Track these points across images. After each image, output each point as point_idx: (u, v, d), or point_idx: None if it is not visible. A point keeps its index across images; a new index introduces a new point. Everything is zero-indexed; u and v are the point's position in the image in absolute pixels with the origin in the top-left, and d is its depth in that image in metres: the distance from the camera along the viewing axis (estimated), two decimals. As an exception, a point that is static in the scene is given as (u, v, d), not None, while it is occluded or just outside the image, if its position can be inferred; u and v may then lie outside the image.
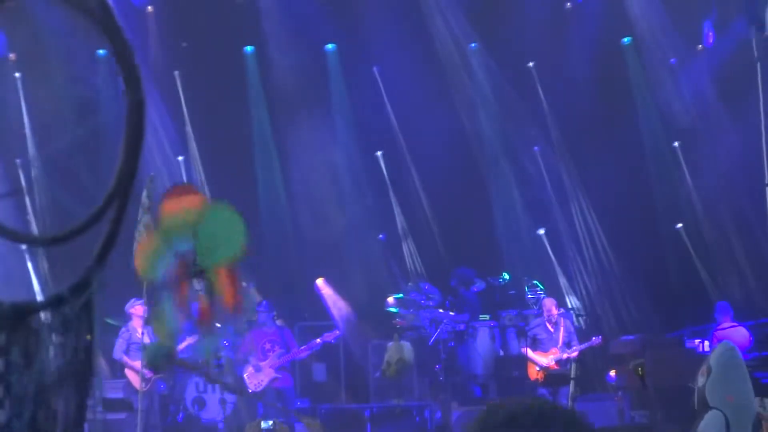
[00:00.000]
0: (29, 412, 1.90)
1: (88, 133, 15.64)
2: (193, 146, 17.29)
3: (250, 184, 16.89)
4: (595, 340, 13.34)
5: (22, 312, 1.92)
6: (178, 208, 5.86)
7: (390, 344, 13.26)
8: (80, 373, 1.99)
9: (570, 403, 13.07)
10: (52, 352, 1.94)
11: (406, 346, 13.17)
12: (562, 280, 16.16)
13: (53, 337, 1.95)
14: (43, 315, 1.96)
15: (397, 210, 16.94)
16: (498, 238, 16.75)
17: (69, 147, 15.69)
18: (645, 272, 16.07)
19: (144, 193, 10.84)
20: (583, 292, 15.90)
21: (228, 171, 16.88)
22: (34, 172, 16.79)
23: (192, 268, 5.79)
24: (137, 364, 13.35)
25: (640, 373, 7.99)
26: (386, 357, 12.51)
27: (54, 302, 1.95)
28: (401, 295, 15.01)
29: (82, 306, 1.96)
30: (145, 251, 6.19)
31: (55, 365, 1.95)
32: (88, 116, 16.14)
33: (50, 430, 1.93)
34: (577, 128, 16.71)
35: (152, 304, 6.30)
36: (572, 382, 10.01)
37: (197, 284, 5.84)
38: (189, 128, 17.27)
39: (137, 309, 13.55)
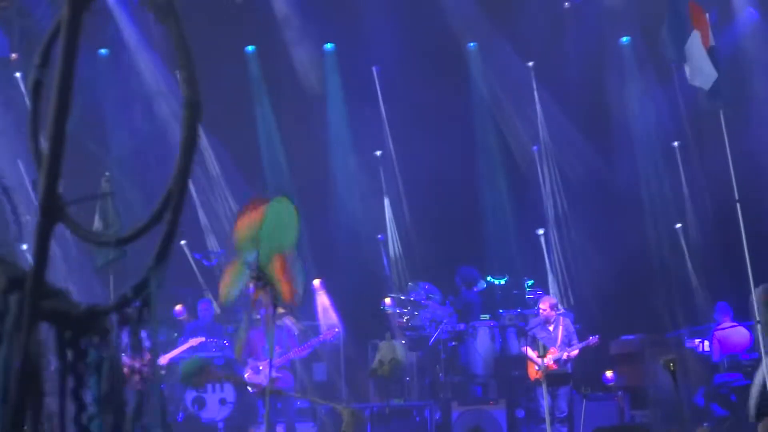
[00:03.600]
0: (105, 411, 1.94)
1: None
2: (207, 143, 17.32)
3: (262, 185, 16.91)
4: (592, 339, 13.35)
5: (96, 314, 1.96)
6: (245, 226, 6.18)
7: (381, 343, 13.26)
8: (144, 372, 2.03)
9: (570, 403, 13.14)
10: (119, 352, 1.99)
11: (399, 345, 13.18)
12: (562, 280, 16.16)
13: (121, 337, 1.99)
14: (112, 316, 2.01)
15: (396, 209, 16.93)
16: (498, 238, 16.75)
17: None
18: (645, 272, 16.08)
19: (102, 193, 10.87)
20: (583, 292, 15.90)
21: (236, 170, 16.98)
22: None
23: (259, 275, 6.14)
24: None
25: (672, 368, 8.00)
26: (378, 356, 12.51)
27: (121, 303, 1.99)
28: (400, 295, 15.03)
29: (143, 305, 2.00)
30: (225, 280, 6.56)
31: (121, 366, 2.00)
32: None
33: (121, 428, 1.97)
34: (576, 128, 16.72)
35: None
36: (543, 375, 10.00)
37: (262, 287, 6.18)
38: (203, 127, 17.24)
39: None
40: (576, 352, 13.27)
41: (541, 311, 13.60)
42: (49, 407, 1.94)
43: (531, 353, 13.33)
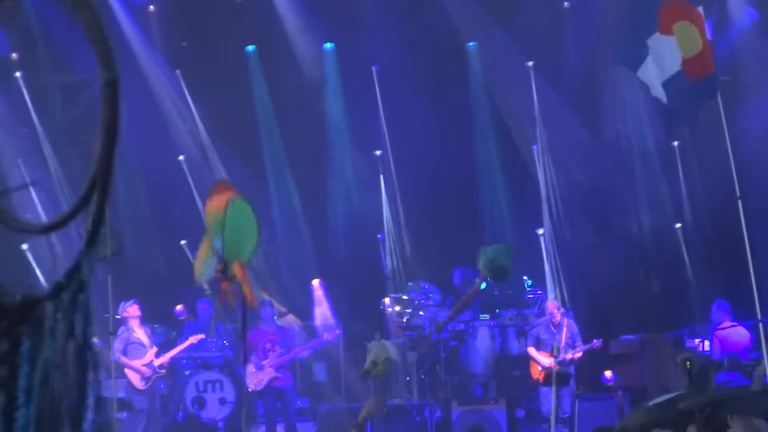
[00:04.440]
0: (36, 403, 1.91)
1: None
2: (208, 143, 17.33)
3: (261, 186, 16.92)
4: (596, 342, 13.35)
5: (30, 303, 1.93)
6: (213, 207, 6.38)
7: (371, 344, 13.22)
8: (79, 360, 2.00)
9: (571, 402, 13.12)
10: (56, 340, 1.96)
11: (390, 344, 13.14)
12: (561, 280, 16.14)
13: (57, 325, 1.96)
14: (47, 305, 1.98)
15: (395, 209, 16.92)
16: (497, 239, 16.72)
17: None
18: (645, 272, 16.07)
19: None
20: (582, 292, 15.87)
21: (238, 167, 17.01)
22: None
23: (224, 268, 6.35)
24: (136, 363, 13.37)
25: (689, 367, 7.96)
26: (371, 357, 12.46)
27: (55, 291, 1.96)
28: (399, 294, 15.02)
29: (77, 291, 1.97)
30: (199, 256, 6.74)
31: (59, 354, 1.96)
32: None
33: (55, 419, 1.94)
34: (575, 128, 16.70)
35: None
36: (553, 379, 10.00)
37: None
38: (201, 126, 17.30)
39: (131, 310, 13.55)
40: (580, 354, 13.26)
41: (548, 315, 13.62)
42: None
43: (535, 353, 13.31)
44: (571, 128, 16.71)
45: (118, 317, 13.22)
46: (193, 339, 14.10)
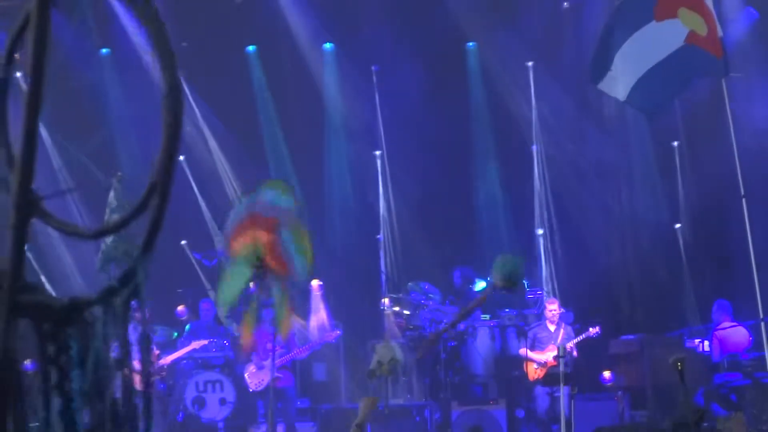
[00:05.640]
0: (87, 406, 1.92)
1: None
2: (209, 144, 17.36)
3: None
4: (593, 330, 13.35)
5: (79, 306, 1.95)
6: (248, 240, 6.09)
7: (378, 345, 13.22)
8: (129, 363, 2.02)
9: (568, 401, 13.11)
10: (107, 344, 1.97)
11: (396, 345, 13.15)
12: (560, 280, 16.14)
13: (107, 329, 1.97)
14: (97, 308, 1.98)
15: (394, 209, 16.92)
16: (496, 239, 16.75)
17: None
18: (644, 272, 16.07)
19: (111, 194, 10.87)
20: (582, 292, 15.88)
21: (239, 167, 17.03)
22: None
23: (258, 265, 6.06)
24: (135, 363, 13.36)
25: (680, 368, 7.97)
26: (377, 357, 12.48)
27: (107, 295, 1.97)
28: (399, 294, 15.03)
29: (130, 296, 1.98)
30: (224, 286, 6.47)
31: (109, 358, 1.98)
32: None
33: (104, 421, 1.96)
34: (575, 127, 16.71)
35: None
36: (562, 362, 10.00)
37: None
38: (205, 128, 17.33)
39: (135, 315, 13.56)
40: (575, 342, 13.29)
41: (549, 313, 13.67)
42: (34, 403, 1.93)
43: (529, 353, 13.34)
44: (571, 128, 16.72)
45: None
46: (195, 344, 14.11)
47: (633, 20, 9.94)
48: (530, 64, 16.49)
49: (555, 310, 13.73)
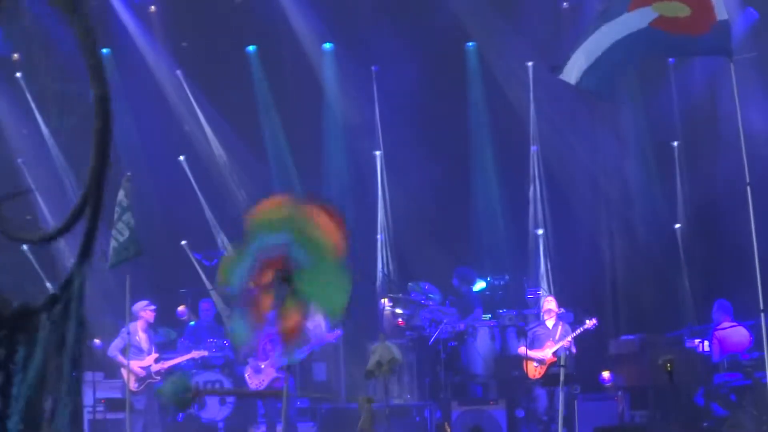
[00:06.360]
0: (23, 410, 1.92)
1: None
2: (209, 144, 17.36)
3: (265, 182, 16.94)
4: (590, 323, 13.33)
5: (27, 313, 1.95)
6: (272, 207, 5.40)
7: (375, 345, 13.23)
8: (70, 368, 2.01)
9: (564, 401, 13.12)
10: (46, 350, 1.96)
11: (394, 345, 13.16)
12: (560, 280, 16.14)
13: (50, 335, 1.97)
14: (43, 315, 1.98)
15: (394, 210, 16.91)
16: (495, 239, 16.75)
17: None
18: (644, 272, 16.06)
19: (121, 193, 10.89)
20: (581, 292, 15.87)
21: (239, 167, 17.03)
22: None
23: (280, 271, 5.23)
24: (133, 364, 13.39)
25: (669, 368, 7.98)
26: (375, 358, 12.49)
27: (50, 302, 1.97)
28: (398, 294, 15.02)
29: (71, 302, 1.98)
30: (228, 260, 5.88)
31: (49, 363, 1.97)
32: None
33: (41, 426, 1.95)
34: (574, 128, 16.70)
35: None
36: (562, 370, 10.00)
37: (283, 292, 5.29)
38: (205, 128, 17.32)
39: (147, 313, 13.58)
40: (573, 337, 13.30)
41: (546, 311, 13.66)
42: None
43: (529, 352, 13.34)
44: (570, 129, 16.71)
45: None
46: (195, 353, 14.11)
47: (607, 15, 9.94)
48: (530, 64, 16.48)
49: (552, 308, 13.70)
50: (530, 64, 16.48)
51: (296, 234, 5.46)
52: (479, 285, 14.87)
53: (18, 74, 16.88)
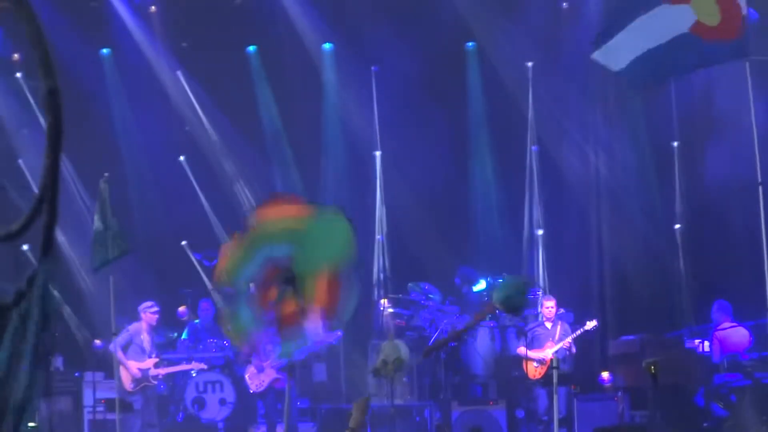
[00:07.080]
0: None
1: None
2: (209, 144, 17.37)
3: (264, 185, 16.94)
4: (590, 324, 13.34)
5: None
6: (277, 216, 5.56)
7: (384, 343, 13.24)
8: (37, 362, 2.01)
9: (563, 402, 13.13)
10: (14, 344, 1.96)
11: (402, 345, 13.18)
12: (560, 281, 16.13)
13: (17, 330, 1.97)
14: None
15: (393, 210, 16.91)
16: (495, 239, 16.74)
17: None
18: (644, 272, 16.06)
19: (99, 194, 10.87)
20: (581, 292, 15.87)
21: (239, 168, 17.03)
22: None
23: (284, 274, 5.44)
24: (132, 363, 13.40)
25: (653, 371, 7.98)
26: (382, 356, 12.51)
27: (17, 299, 1.97)
28: (398, 295, 15.02)
29: (36, 298, 1.98)
30: (230, 256, 5.93)
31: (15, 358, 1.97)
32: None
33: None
34: (574, 128, 16.71)
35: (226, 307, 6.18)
36: (555, 372, 10.01)
37: (285, 289, 5.49)
38: (206, 128, 17.32)
39: (151, 316, 13.57)
40: (572, 338, 13.30)
41: (545, 310, 13.67)
42: None
43: (528, 352, 13.35)
44: (570, 129, 16.72)
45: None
46: (195, 365, 14.11)
47: (645, 1, 10.10)
48: (530, 64, 16.48)
49: (552, 308, 13.71)
50: (530, 64, 16.48)
51: (299, 245, 5.68)
52: (480, 285, 14.87)
53: (18, 74, 16.88)
